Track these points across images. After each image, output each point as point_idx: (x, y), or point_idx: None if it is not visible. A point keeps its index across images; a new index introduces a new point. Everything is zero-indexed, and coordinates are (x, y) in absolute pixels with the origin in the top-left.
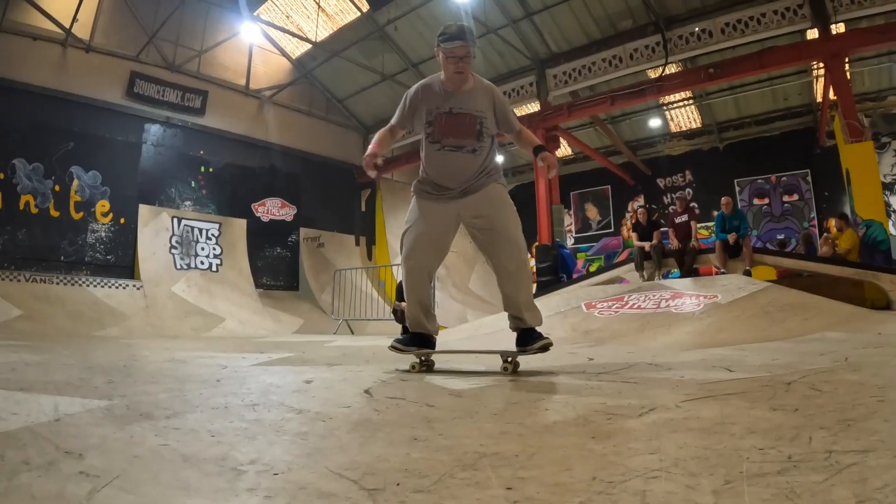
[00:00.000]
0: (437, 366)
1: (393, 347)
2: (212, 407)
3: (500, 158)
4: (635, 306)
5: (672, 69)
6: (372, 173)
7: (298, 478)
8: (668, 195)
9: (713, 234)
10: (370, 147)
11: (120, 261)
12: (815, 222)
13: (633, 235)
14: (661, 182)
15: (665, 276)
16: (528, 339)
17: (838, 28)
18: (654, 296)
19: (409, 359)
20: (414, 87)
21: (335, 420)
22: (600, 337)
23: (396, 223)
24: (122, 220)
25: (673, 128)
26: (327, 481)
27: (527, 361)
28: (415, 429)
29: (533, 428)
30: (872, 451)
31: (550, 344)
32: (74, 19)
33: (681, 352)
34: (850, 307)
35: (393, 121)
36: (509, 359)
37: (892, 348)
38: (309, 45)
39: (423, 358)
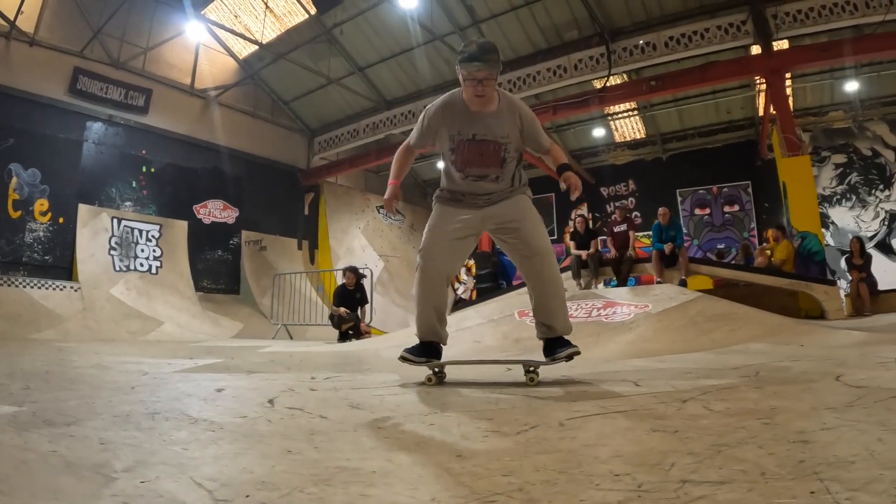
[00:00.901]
0: (459, 377)
1: (403, 359)
2: (114, 415)
3: (443, 164)
4: None
5: (616, 80)
6: (393, 212)
7: (161, 486)
8: (612, 204)
9: None
10: (389, 186)
11: (58, 261)
12: (755, 233)
13: (571, 244)
14: (604, 191)
15: (607, 284)
16: (555, 347)
17: (782, 44)
18: (586, 305)
19: (419, 369)
20: (435, 106)
21: (225, 430)
22: (529, 346)
23: (339, 227)
24: (61, 220)
25: (617, 138)
26: (186, 491)
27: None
28: (294, 441)
29: (407, 443)
30: (729, 482)
31: (578, 352)
32: (19, 11)
33: (601, 363)
34: (777, 318)
35: (411, 140)
36: (532, 368)
37: (807, 362)
38: (256, 46)
39: (436, 370)
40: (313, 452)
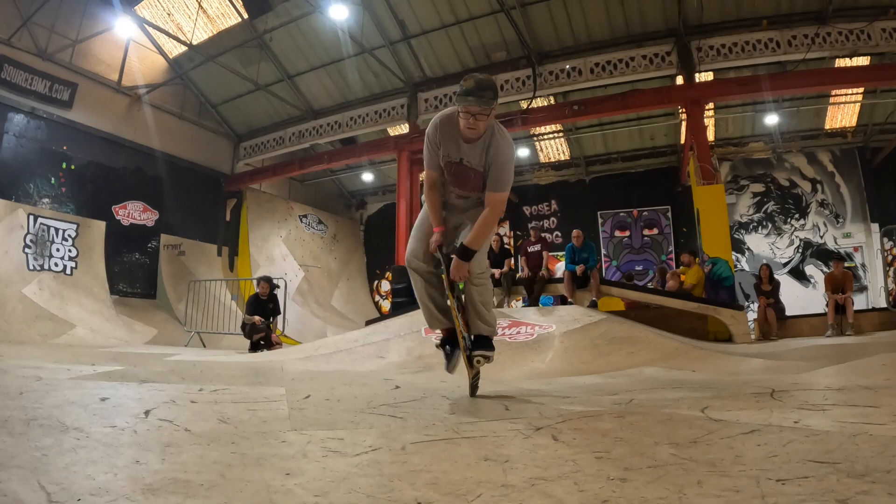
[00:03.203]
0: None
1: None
2: None
3: (370, 177)
4: None
5: (542, 102)
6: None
7: (7, 487)
8: (534, 223)
9: None
10: (434, 230)
11: None
12: (673, 256)
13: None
14: (527, 210)
15: (524, 303)
16: (479, 345)
17: (707, 76)
18: None
19: (304, 383)
20: (432, 126)
21: (90, 439)
22: (430, 363)
23: (261, 235)
24: None
25: (542, 158)
26: (28, 493)
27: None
28: (147, 452)
29: (249, 458)
30: None
31: (489, 359)
32: None
33: (492, 383)
34: (675, 343)
35: (427, 166)
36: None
37: (686, 390)
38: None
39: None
40: (158, 464)
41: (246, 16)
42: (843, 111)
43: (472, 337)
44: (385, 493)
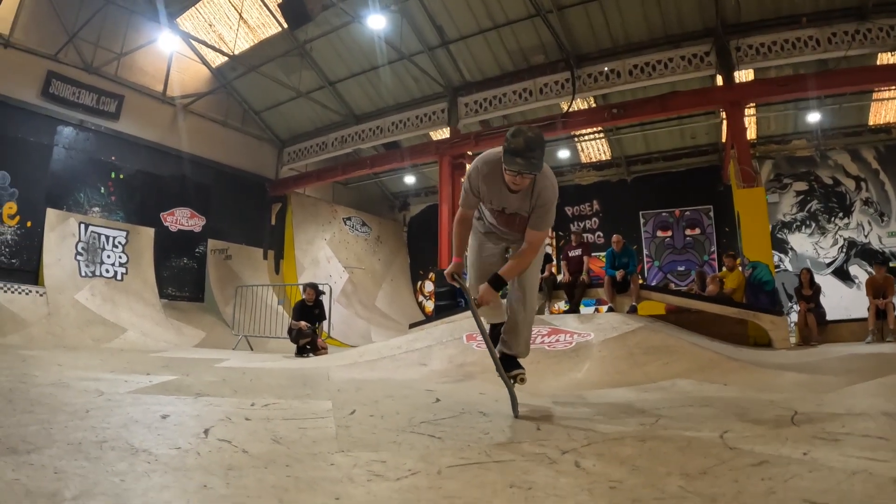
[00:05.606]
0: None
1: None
2: (68, 443)
3: (412, 179)
4: None
5: (582, 104)
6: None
7: None
8: (576, 223)
9: None
10: (453, 260)
11: (25, 265)
12: (715, 256)
13: None
14: (569, 210)
15: (567, 304)
16: (508, 366)
17: (747, 75)
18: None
19: (353, 395)
20: (475, 170)
21: (159, 462)
22: (471, 371)
23: (305, 238)
24: (29, 224)
25: (583, 159)
26: None
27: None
28: (212, 476)
29: (303, 483)
30: None
31: (524, 378)
32: None
33: (529, 396)
34: (710, 353)
35: (461, 205)
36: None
37: (713, 409)
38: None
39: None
40: (224, 488)
41: (286, 26)
42: (887, 107)
43: (503, 356)
44: None
